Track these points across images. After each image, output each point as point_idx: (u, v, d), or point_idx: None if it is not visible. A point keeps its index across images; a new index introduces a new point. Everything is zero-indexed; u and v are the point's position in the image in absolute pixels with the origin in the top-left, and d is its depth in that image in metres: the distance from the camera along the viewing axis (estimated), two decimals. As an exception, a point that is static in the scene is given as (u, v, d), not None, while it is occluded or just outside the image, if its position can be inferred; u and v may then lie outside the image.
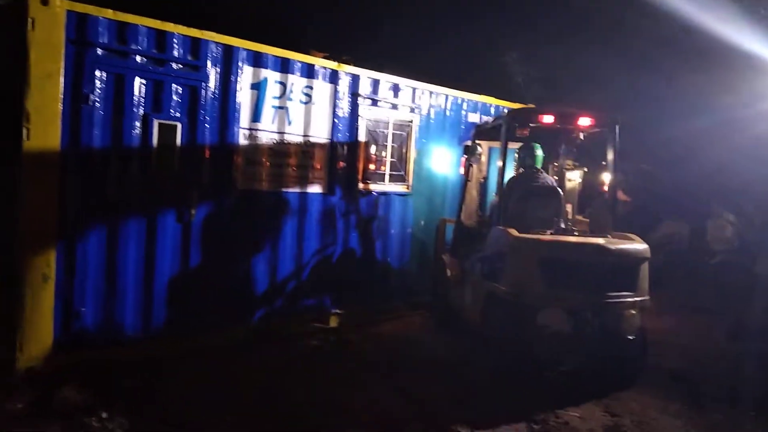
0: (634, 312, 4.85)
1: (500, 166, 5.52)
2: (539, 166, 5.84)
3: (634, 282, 4.84)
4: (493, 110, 7.71)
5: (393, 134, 6.71)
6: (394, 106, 6.68)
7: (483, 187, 7.02)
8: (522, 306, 4.79)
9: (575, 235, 5.24)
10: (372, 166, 6.50)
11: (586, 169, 6.31)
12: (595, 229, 5.53)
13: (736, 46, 7.71)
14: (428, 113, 7.05)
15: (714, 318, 7.54)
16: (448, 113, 7.28)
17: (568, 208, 6.11)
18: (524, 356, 4.77)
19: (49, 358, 4.39)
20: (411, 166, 6.88)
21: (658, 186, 9.73)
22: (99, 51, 4.49)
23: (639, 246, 4.95)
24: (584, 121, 5.46)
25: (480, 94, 7.69)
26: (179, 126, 4.98)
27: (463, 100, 7.44)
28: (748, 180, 8.50)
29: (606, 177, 5.68)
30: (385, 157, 6.67)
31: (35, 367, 4.32)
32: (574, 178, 6.36)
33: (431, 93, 7.05)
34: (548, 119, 5.44)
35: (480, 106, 7.62)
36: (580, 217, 6.22)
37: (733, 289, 8.24)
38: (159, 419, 3.90)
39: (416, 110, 6.88)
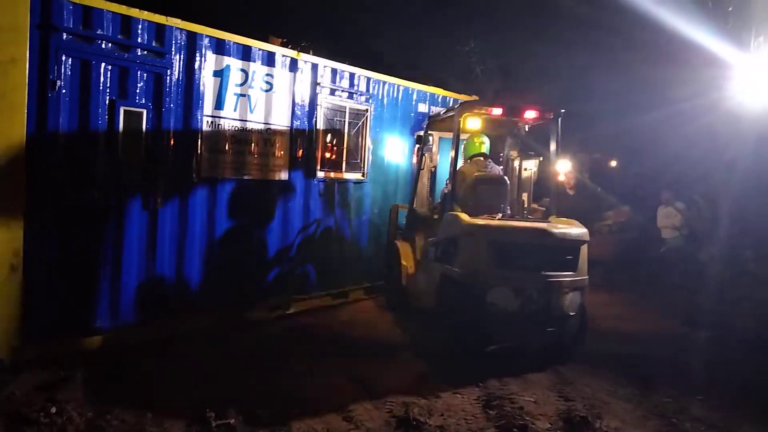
0: (574, 291, 5.28)
1: (452, 155, 5.84)
2: (487, 154, 6.24)
3: (574, 263, 5.28)
4: (440, 101, 8.07)
5: (349, 123, 6.90)
6: (351, 96, 6.86)
7: (433, 175, 7.39)
8: (473, 286, 5.13)
9: (521, 220, 5.70)
10: (329, 155, 6.67)
11: (540, 159, 6.70)
12: (541, 215, 5.94)
13: (690, 39, 7.87)
14: (382, 103, 7.28)
15: (662, 305, 7.87)
16: (400, 103, 7.55)
17: (524, 197, 6.50)
18: (475, 334, 5.08)
19: (17, 348, 4.33)
20: (366, 155, 7.11)
21: (613, 174, 10.00)
22: (65, 36, 4.40)
23: (579, 230, 5.40)
24: (530, 114, 5.82)
25: (428, 84, 8.01)
26: (145, 113, 4.96)
27: (413, 91, 7.73)
28: (702, 170, 8.80)
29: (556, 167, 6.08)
30: (342, 145, 6.84)
31: (1, 358, 4.25)
32: (530, 167, 6.73)
33: (384, 83, 7.29)
34: (496, 111, 5.80)
35: (429, 96, 7.94)
36: (535, 205, 6.62)
37: (681, 276, 8.60)
38: (109, 412, 3.75)
39: (371, 100, 7.09)
